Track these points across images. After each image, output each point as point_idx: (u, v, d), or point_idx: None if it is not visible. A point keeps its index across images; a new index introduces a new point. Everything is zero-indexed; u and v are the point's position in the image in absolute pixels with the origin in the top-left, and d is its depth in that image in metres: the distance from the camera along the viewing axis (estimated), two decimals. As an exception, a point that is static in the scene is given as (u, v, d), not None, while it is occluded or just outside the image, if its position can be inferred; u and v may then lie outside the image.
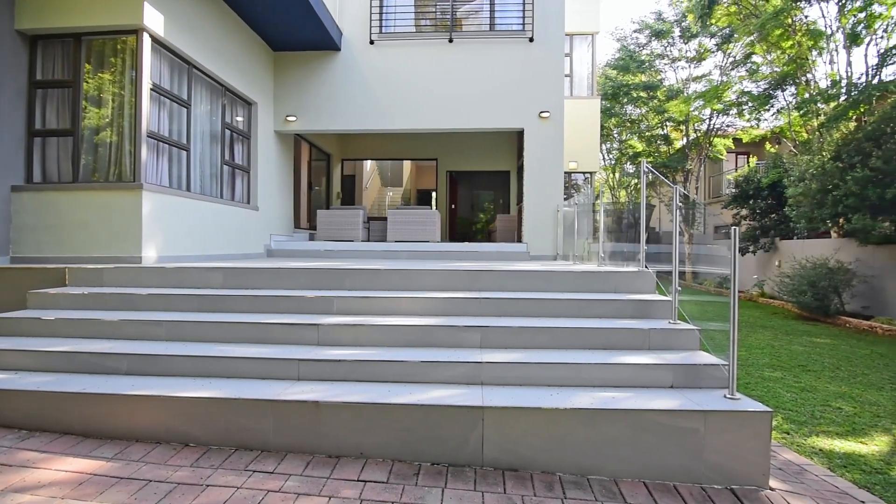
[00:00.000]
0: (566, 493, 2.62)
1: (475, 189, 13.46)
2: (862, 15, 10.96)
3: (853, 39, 11.31)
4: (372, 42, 8.69)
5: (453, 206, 13.13)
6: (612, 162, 23.50)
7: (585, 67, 13.02)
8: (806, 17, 12.67)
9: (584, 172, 13.02)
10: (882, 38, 11.07)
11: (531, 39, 8.57)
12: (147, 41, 5.39)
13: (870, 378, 5.60)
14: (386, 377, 3.27)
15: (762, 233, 13.80)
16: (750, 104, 15.57)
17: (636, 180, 22.28)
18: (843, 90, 11.51)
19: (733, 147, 19.28)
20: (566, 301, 4.05)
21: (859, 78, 11.41)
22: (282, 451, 2.94)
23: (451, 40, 8.62)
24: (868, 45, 11.28)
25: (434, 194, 12.84)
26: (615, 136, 21.99)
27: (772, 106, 14.88)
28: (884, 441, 3.77)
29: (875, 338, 8.20)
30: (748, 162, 17.78)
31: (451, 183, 12.87)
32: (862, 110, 10.51)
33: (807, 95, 12.52)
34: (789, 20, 12.37)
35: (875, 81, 10.86)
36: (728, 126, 18.32)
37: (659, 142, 19.91)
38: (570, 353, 3.47)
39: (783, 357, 6.57)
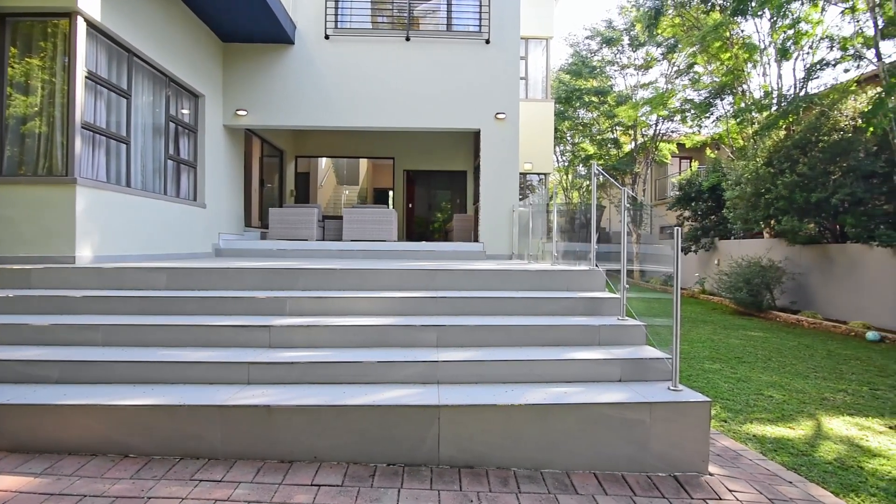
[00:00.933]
0: (521, 488, 2.68)
1: (432, 188, 13.47)
2: (791, 32, 11.82)
3: (783, 54, 12.18)
4: (327, 37, 8.52)
5: (410, 206, 13.09)
6: (566, 164, 24.17)
7: (540, 71, 13.33)
8: (742, 31, 13.52)
9: (538, 173, 13.32)
10: (808, 53, 11.98)
11: (487, 41, 8.67)
12: (81, 25, 5.04)
13: (797, 368, 6.06)
14: (341, 379, 3.22)
15: (703, 233, 14.62)
16: (692, 111, 16.44)
17: (588, 182, 23.05)
18: (775, 101, 12.38)
19: (677, 152, 20.33)
20: (520, 299, 4.14)
21: (788, 90, 12.30)
22: (231, 459, 2.83)
23: (408, 38, 8.59)
24: (796, 59, 12.18)
25: (391, 193, 12.75)
26: (568, 138, 22.63)
27: (712, 114, 15.77)
28: (808, 426, 4.08)
29: (801, 330, 8.87)
30: (690, 166, 18.81)
31: (409, 182, 12.83)
32: (790, 120, 11.33)
33: (742, 105, 13.36)
34: (727, 33, 13.16)
35: (802, 93, 11.75)
36: (672, 132, 19.28)
37: (609, 145, 20.67)
38: (525, 350, 3.55)
39: (721, 350, 6.99)
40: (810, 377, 5.65)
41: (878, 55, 9.43)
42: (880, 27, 9.31)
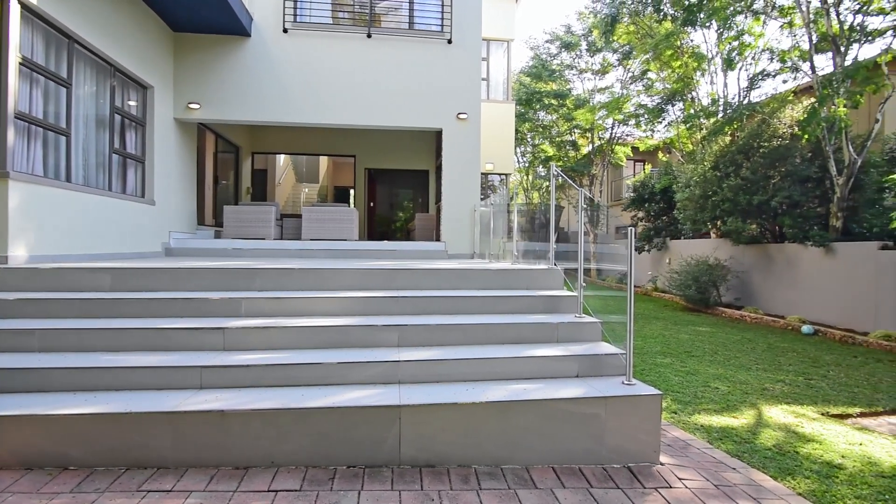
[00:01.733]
0: (481, 485, 2.71)
1: (394, 187, 13.39)
2: (735, 43, 12.51)
3: (728, 64, 12.87)
4: (285, 31, 8.30)
5: (372, 204, 12.96)
6: (526, 165, 24.59)
7: (501, 73, 13.50)
8: (692, 41, 14.19)
9: (499, 174, 13.49)
10: (751, 64, 12.72)
11: (450, 41, 8.70)
12: (15, 8, 4.68)
13: (740, 360, 6.42)
14: (300, 381, 3.15)
15: (656, 233, 15.25)
16: (646, 116, 17.11)
17: (547, 183, 23.56)
18: (721, 108, 13.07)
19: (632, 155, 21.09)
20: (481, 298, 4.18)
21: (733, 98, 13.02)
22: (182, 467, 2.72)
23: (369, 35, 8.49)
24: (740, 69, 12.90)
25: (352, 192, 12.57)
26: (529, 140, 23.03)
27: (664, 119, 16.48)
28: (750, 415, 4.33)
29: (745, 325, 9.41)
30: (644, 169, 19.57)
31: (370, 181, 12.69)
32: (735, 126, 11.99)
33: (692, 111, 14.03)
34: (678, 43, 13.78)
35: (745, 102, 12.46)
36: (627, 135, 19.98)
37: (568, 147, 21.20)
38: (485, 348, 3.59)
39: (672, 345, 7.31)
40: (752, 369, 6.00)
41: (813, 68, 10.12)
42: (814, 42, 9.99)
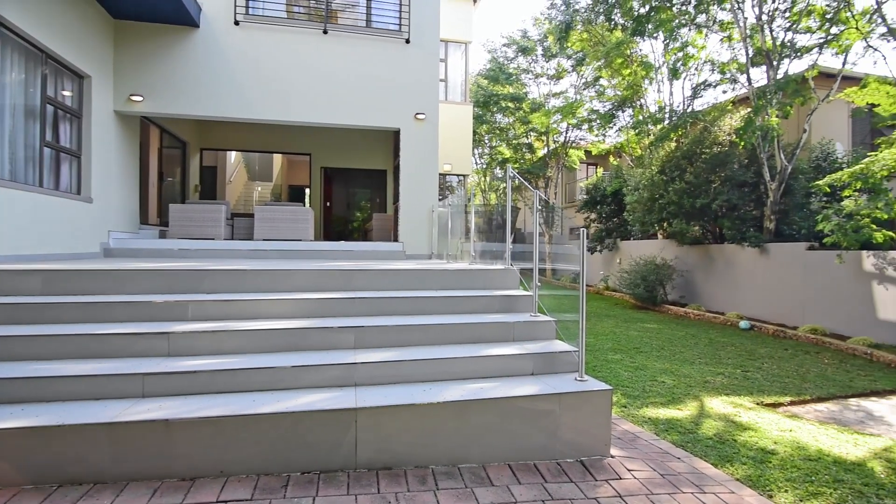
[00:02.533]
0: (438, 485, 2.71)
1: (351, 187, 13.18)
2: (680, 54, 13.18)
3: (674, 73, 13.54)
4: (237, 23, 7.99)
5: (328, 204, 12.70)
6: (484, 166, 24.88)
7: (459, 74, 13.59)
8: (640, 50, 14.82)
9: (457, 175, 13.57)
10: (694, 74, 13.44)
11: (408, 41, 8.66)
12: (-73, -15, 4.26)
13: (685, 355, 6.77)
14: (252, 386, 3.04)
15: (607, 234, 15.82)
16: (598, 121, 17.70)
17: (504, 184, 23.92)
18: (667, 115, 13.73)
19: (585, 158, 21.78)
20: (439, 299, 4.19)
21: (678, 106, 13.71)
22: (122, 481, 2.56)
23: (325, 31, 8.32)
24: (684, 79, 13.60)
25: (308, 191, 12.28)
26: (486, 141, 23.31)
27: (615, 124, 17.11)
28: (693, 406, 4.57)
29: (689, 322, 9.92)
30: (596, 172, 20.26)
31: (326, 180, 12.44)
32: (680, 133, 12.63)
33: (640, 117, 14.65)
34: (628, 51, 14.35)
35: (689, 110, 13.15)
36: (581, 139, 20.62)
37: (524, 150, 21.62)
38: (443, 348, 3.60)
39: (622, 341, 7.61)
40: (695, 363, 6.33)
41: (749, 80, 10.82)
42: (751, 56, 10.68)
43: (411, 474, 2.81)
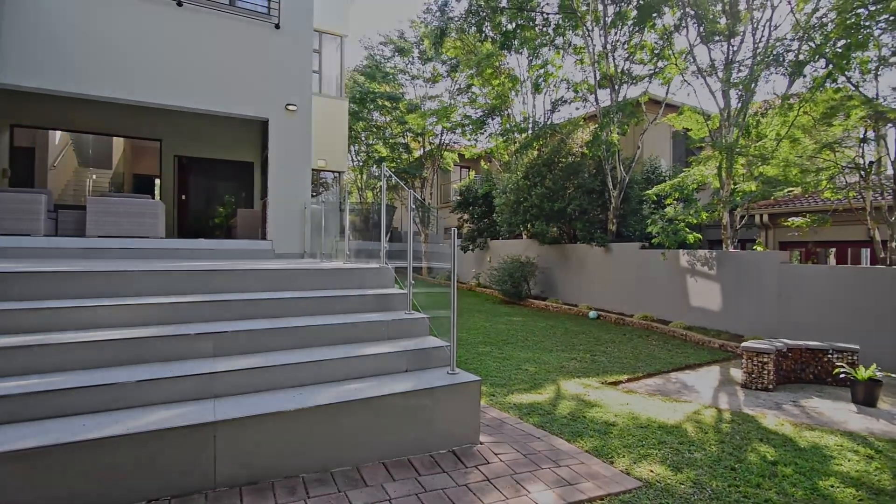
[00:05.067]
0: (309, 493, 2.61)
1: (212, 179, 11.94)
2: (542, 71, 14.47)
3: (536, 88, 14.82)
4: (62, -21, 6.73)
5: (184, 197, 11.36)
6: (360, 164, 24.51)
7: (334, 68, 13.18)
8: (508, 63, 15.92)
9: (333, 171, 13.15)
10: (553, 90, 14.85)
11: (277, 26, 8.14)
12: None
13: (545, 344, 7.45)
14: (82, 408, 2.59)
15: (479, 234, 16.71)
16: (470, 126, 18.58)
17: (381, 183, 23.85)
18: (531, 125, 14.96)
19: (459, 161, 22.71)
20: (312, 299, 4.02)
21: (540, 118, 15.02)
22: None
23: (180, 3, 7.43)
24: (545, 94, 14.96)
25: (158, 182, 10.84)
26: (363, 139, 22.99)
27: (485, 130, 18.12)
28: (551, 390, 5.06)
29: (549, 314, 10.95)
30: (469, 175, 21.27)
31: (182, 170, 11.10)
32: (541, 142, 13.87)
33: (507, 126, 15.75)
34: (497, 63, 15.31)
35: (549, 122, 14.50)
36: (455, 143, 21.45)
37: (401, 149, 21.80)
38: (316, 350, 3.46)
39: (492, 334, 8.11)
40: (553, 351, 7.01)
41: (597, 99, 12.31)
42: (598, 79, 12.15)
43: (280, 486, 2.66)
